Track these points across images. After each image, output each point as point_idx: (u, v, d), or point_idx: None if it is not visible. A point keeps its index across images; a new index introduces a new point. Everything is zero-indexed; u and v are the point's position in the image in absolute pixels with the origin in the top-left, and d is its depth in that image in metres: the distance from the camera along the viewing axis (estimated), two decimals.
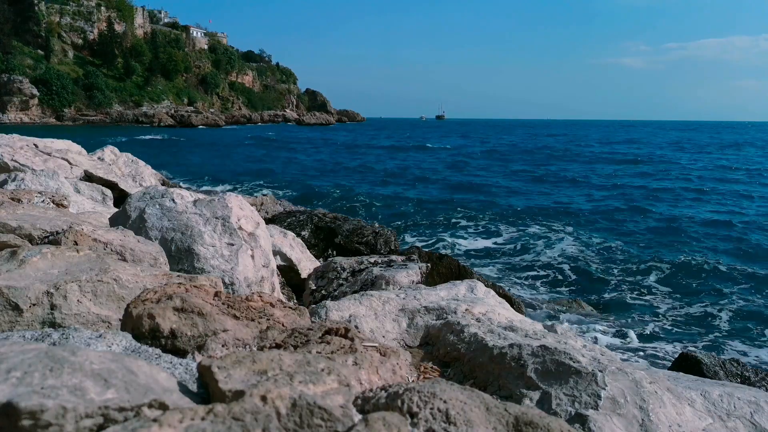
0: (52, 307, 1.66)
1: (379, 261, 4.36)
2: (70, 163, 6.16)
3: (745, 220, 16.36)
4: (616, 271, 10.62)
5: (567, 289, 9.55)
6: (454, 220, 15.52)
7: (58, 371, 0.90)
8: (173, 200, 3.25)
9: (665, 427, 1.76)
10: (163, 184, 7.98)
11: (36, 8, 78.69)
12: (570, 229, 14.51)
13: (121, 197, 5.73)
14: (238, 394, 0.96)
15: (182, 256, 2.98)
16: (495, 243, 13.02)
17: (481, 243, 13.05)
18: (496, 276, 9.99)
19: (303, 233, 6.60)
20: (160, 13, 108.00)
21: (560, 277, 10.25)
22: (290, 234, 5.30)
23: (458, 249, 12.32)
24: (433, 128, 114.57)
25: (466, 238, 13.48)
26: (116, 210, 3.93)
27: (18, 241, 2.30)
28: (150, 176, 8.18)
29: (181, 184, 14.32)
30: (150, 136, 51.86)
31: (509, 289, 8.22)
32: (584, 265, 10.99)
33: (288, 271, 4.82)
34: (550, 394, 1.84)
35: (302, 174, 25.97)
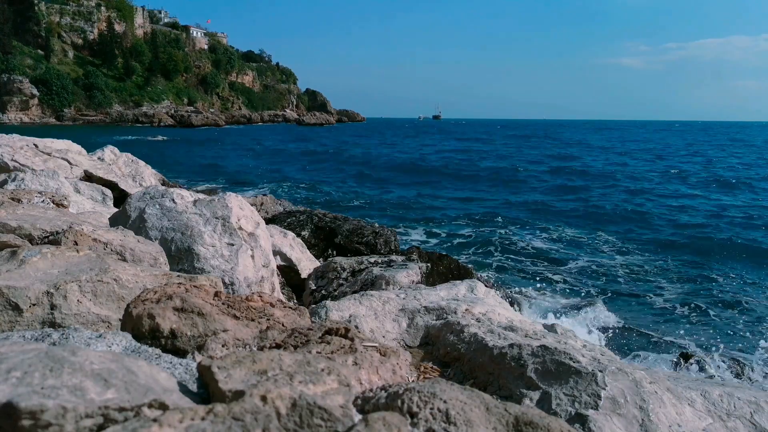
0: (52, 307, 1.66)
1: (379, 261, 4.36)
2: (70, 163, 6.16)
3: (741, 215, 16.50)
4: (616, 270, 10.62)
5: (568, 288, 9.55)
6: (456, 223, 15.53)
7: (58, 371, 0.90)
8: (173, 200, 3.25)
9: (665, 427, 1.76)
10: (163, 184, 7.97)
11: (36, 8, 78.66)
12: (570, 229, 14.51)
13: (121, 197, 5.73)
14: (238, 394, 0.96)
15: (182, 256, 2.98)
16: (496, 243, 13.02)
17: (482, 243, 13.06)
18: (496, 275, 9.99)
19: (303, 233, 6.60)
20: (160, 13, 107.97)
21: (561, 276, 10.25)
22: (290, 234, 5.30)
23: (460, 248, 12.33)
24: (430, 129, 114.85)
25: (468, 239, 13.49)
26: (116, 210, 3.93)
27: (18, 241, 2.30)
28: (150, 176, 8.18)
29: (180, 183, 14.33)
30: (150, 137, 51.88)
31: (509, 289, 8.22)
32: (585, 265, 11.00)
33: (288, 271, 4.82)
34: (550, 394, 1.84)
35: None
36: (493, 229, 14.52)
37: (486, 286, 3.40)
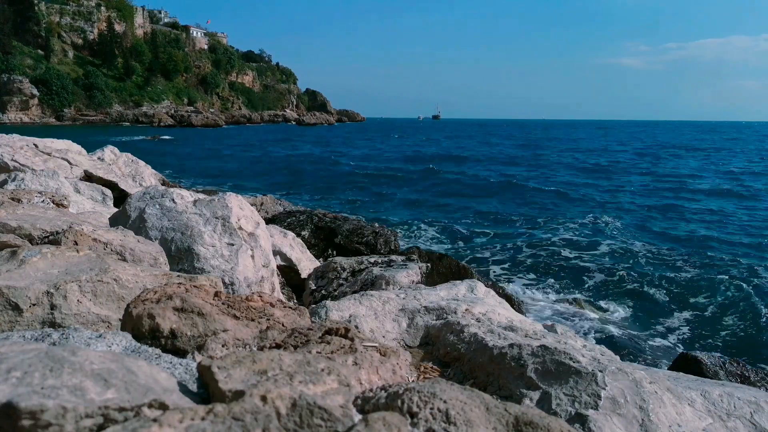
0: (52, 307, 1.66)
1: (379, 261, 4.35)
2: (70, 163, 6.16)
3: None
4: (616, 271, 10.62)
5: (567, 288, 9.55)
6: (458, 224, 15.53)
7: (58, 371, 0.90)
8: (173, 200, 3.25)
9: (665, 427, 1.76)
10: (163, 184, 7.97)
11: (36, 8, 78.69)
12: (569, 229, 14.51)
13: (121, 197, 5.73)
14: (238, 394, 0.96)
15: (182, 256, 2.98)
16: (495, 243, 13.02)
17: (482, 243, 13.06)
18: (496, 275, 9.99)
19: (303, 233, 6.60)
20: (160, 13, 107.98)
21: (560, 276, 10.24)
22: (290, 234, 5.30)
23: (463, 250, 12.33)
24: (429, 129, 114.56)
25: (468, 238, 13.49)
26: (116, 210, 3.93)
27: (18, 241, 2.30)
28: (150, 176, 8.18)
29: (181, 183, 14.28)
30: (150, 137, 51.80)
31: (509, 289, 8.22)
32: (584, 265, 10.99)
33: (288, 271, 4.82)
34: (550, 394, 1.84)
35: None
36: (491, 230, 14.52)
37: (486, 286, 3.40)
